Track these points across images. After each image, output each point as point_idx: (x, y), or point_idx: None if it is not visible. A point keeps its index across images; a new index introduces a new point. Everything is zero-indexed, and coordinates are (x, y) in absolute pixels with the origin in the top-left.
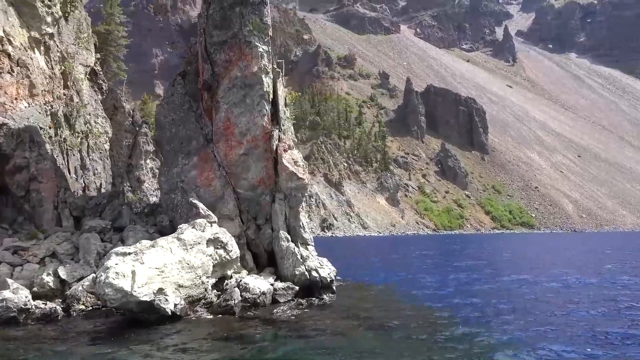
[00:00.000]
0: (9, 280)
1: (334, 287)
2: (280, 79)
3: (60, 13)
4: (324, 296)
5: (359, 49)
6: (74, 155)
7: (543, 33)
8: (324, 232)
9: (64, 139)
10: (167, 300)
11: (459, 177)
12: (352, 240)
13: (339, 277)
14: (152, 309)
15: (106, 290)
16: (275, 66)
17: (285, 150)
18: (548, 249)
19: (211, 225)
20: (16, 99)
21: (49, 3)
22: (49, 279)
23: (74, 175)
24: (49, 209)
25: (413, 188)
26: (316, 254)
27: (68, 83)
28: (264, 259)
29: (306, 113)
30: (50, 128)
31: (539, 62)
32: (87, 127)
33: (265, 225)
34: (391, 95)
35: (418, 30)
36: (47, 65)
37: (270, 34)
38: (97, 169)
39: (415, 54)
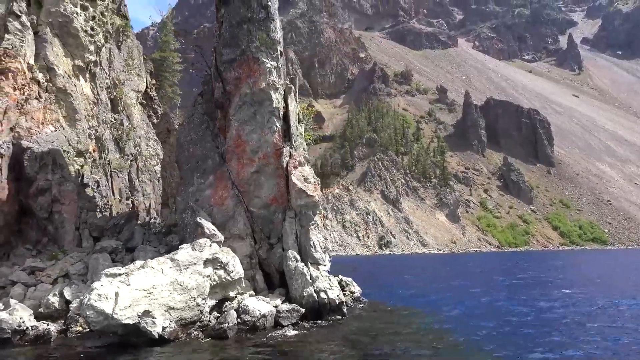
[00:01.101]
0: (12, 301)
1: (344, 310)
2: (292, 94)
3: (103, 42)
4: (332, 319)
5: (416, 65)
6: (118, 177)
7: (611, 39)
8: (382, 249)
9: (109, 161)
10: (154, 323)
11: (523, 191)
12: (409, 258)
13: (363, 298)
14: (138, 332)
15: (88, 313)
16: (287, 82)
17: (295, 167)
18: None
19: (210, 246)
20: (42, 123)
21: (91, 32)
22: (54, 300)
23: (118, 197)
24: (70, 230)
25: (474, 204)
26: (327, 274)
27: (119, 108)
28: (277, 280)
29: (363, 131)
30: (94, 151)
31: (607, 69)
32: (137, 150)
33: (278, 244)
34: (450, 109)
35: (476, 42)
36: (93, 92)
37: (281, 49)
38: (146, 190)
39: (474, 67)
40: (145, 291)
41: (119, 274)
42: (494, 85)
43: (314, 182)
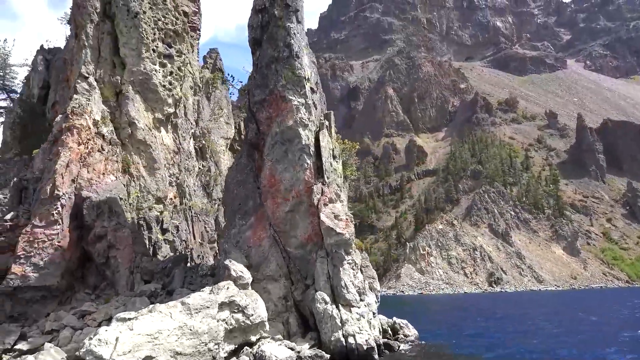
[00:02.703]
0: (47, 345)
1: (375, 356)
2: (325, 130)
3: (180, 94)
4: None
5: (521, 91)
6: (200, 221)
7: None
8: (492, 287)
9: (189, 206)
10: None
11: None
12: (522, 296)
13: (420, 341)
14: None
15: (87, 358)
16: (322, 118)
17: (325, 204)
18: None
19: (227, 288)
20: (103, 174)
21: (169, 87)
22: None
23: (199, 240)
24: (124, 274)
25: (596, 235)
26: (361, 315)
27: (207, 155)
28: (312, 323)
29: (467, 163)
30: (174, 197)
31: None
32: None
33: (313, 285)
34: (561, 135)
35: (588, 62)
36: (175, 142)
37: (312, 86)
38: None
39: (586, 87)
40: (149, 336)
41: (129, 319)
42: (610, 105)
43: (346, 219)
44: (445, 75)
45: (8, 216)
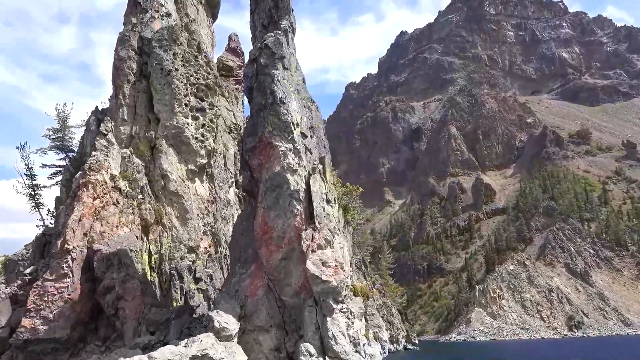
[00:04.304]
0: None
1: None
2: (317, 174)
3: (213, 145)
4: None
5: (594, 122)
6: None
7: None
8: (573, 331)
9: (225, 255)
10: None
11: None
12: (607, 341)
13: None
14: None
15: None
16: (315, 162)
17: (313, 251)
18: None
19: (201, 341)
20: (117, 226)
21: (202, 139)
22: None
23: None
24: (132, 325)
25: None
26: None
27: None
28: None
29: (538, 199)
30: (209, 246)
31: None
32: None
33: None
34: None
35: None
36: (211, 192)
37: (302, 130)
38: None
39: None
40: None
41: None
42: None
43: (335, 265)
44: (510, 110)
45: (28, 270)
